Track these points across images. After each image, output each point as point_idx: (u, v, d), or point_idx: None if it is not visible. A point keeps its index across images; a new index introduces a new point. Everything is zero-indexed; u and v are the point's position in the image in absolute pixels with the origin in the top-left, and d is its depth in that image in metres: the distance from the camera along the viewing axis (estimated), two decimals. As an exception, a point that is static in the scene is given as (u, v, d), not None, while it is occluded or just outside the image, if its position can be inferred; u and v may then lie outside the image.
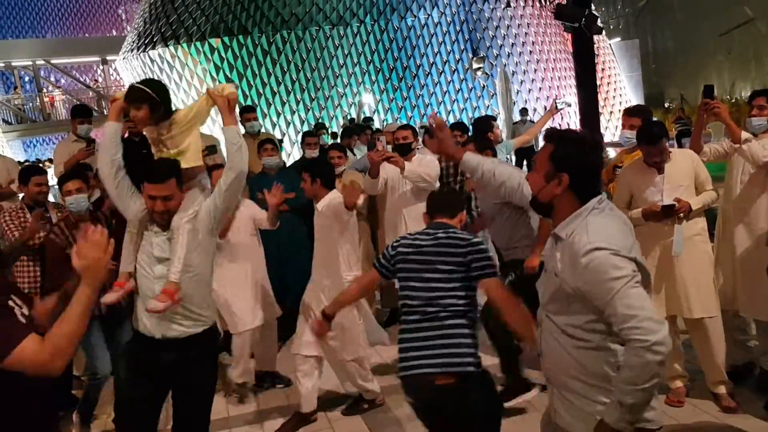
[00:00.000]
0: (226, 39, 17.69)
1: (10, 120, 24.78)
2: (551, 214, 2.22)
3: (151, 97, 2.94)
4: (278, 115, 18.03)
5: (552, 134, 2.26)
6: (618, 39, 23.59)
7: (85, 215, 4.19)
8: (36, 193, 4.73)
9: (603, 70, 19.70)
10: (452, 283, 2.74)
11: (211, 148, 5.82)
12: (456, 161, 2.45)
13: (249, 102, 17.16)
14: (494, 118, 5.61)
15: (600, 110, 10.36)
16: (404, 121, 16.10)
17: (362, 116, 15.90)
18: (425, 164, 4.98)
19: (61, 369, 2.01)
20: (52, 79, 31.12)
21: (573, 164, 2.13)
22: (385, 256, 2.96)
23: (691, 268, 3.85)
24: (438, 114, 18.08)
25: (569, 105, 6.53)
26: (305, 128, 17.49)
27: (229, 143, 2.98)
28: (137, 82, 3.05)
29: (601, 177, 2.22)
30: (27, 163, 14.27)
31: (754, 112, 4.11)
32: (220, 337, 3.78)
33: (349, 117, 16.65)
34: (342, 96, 18.01)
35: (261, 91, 17.91)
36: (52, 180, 9.12)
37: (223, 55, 17.81)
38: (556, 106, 5.73)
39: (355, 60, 17.89)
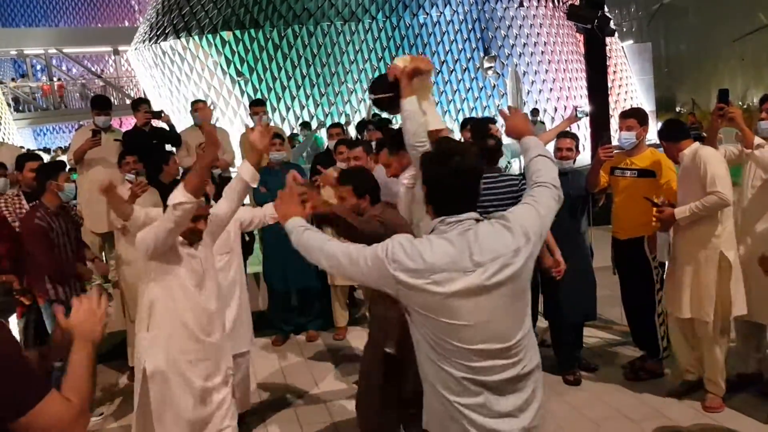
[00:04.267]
0: (237, 32, 17.70)
1: (21, 107, 24.88)
2: None
3: None
4: (287, 109, 18.04)
5: (437, 141, 2.25)
6: (631, 42, 23.48)
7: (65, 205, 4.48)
8: (31, 179, 4.75)
9: (615, 72, 19.61)
10: None
11: None
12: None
13: (258, 96, 17.18)
14: (493, 121, 5.51)
15: (611, 113, 10.30)
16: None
17: (372, 113, 15.87)
18: None
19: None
20: (64, 68, 31.23)
21: (429, 178, 2.11)
22: None
23: (686, 271, 4.00)
24: (448, 112, 18.06)
25: (587, 115, 6.46)
26: (314, 123, 17.49)
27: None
28: None
29: (464, 197, 2.08)
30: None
31: (763, 116, 4.18)
32: None
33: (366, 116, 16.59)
34: (352, 92, 17.99)
35: (271, 85, 17.93)
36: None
37: (234, 48, 17.82)
38: (576, 116, 5.68)
39: (366, 56, 17.87)
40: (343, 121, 14.17)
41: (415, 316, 2.06)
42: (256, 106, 7.06)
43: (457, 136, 8.66)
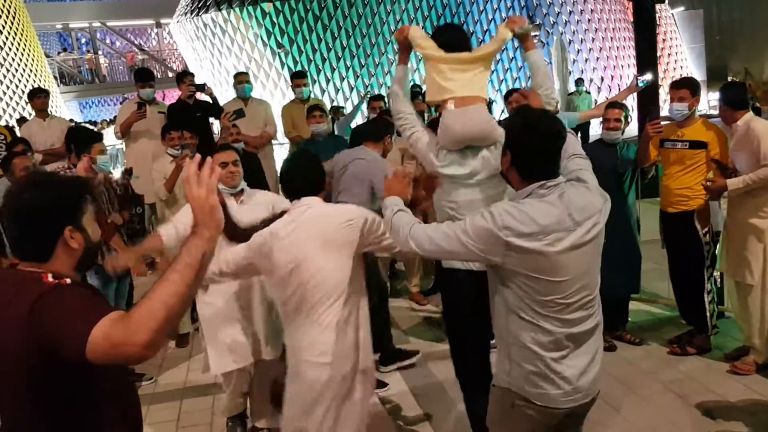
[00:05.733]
0: (277, 3, 17.66)
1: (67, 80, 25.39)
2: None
3: None
4: (327, 81, 18.01)
5: (516, 109, 2.41)
6: (681, 9, 22.67)
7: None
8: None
9: (664, 41, 19.03)
10: None
11: (239, 112, 5.88)
12: None
13: (299, 68, 17.17)
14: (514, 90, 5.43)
15: (659, 83, 10.01)
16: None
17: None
18: None
19: (144, 349, 1.48)
20: (108, 41, 31.69)
21: (514, 144, 2.23)
22: None
23: (736, 237, 4.13)
24: (490, 82, 17.78)
25: (648, 84, 6.20)
26: (354, 95, 17.44)
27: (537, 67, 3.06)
28: None
29: (552, 161, 2.19)
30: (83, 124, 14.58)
31: None
32: None
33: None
34: (392, 63, 17.84)
35: (311, 57, 17.89)
36: (110, 139, 9.29)
37: (274, 19, 17.81)
38: (637, 84, 5.53)
39: (407, 27, 17.67)
40: (384, 92, 14.10)
41: (517, 280, 2.16)
42: (298, 78, 7.06)
43: (500, 106, 8.53)
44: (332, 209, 2.76)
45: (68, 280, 1.68)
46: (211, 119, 6.83)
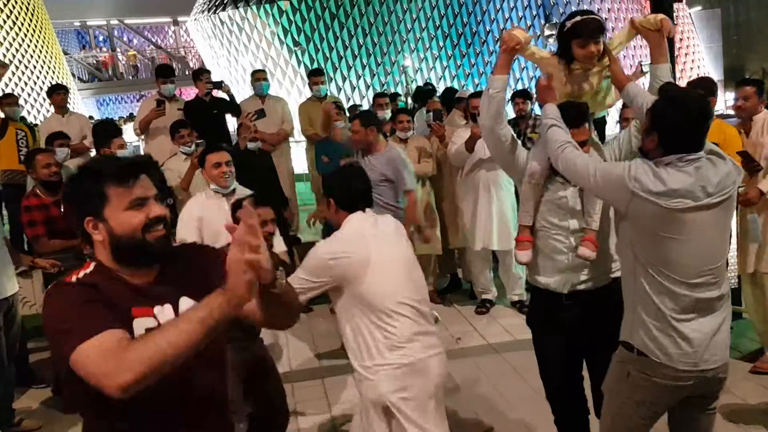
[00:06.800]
0: (294, 1, 17.70)
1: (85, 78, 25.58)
2: None
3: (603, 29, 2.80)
4: (344, 79, 18.03)
5: (662, 89, 2.45)
6: (699, 8, 22.47)
7: None
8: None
9: (681, 40, 18.86)
10: None
11: (260, 112, 5.92)
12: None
13: (315, 66, 17.21)
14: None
15: (676, 82, 9.94)
16: (471, 89, 15.83)
17: (410, 81, 15.79)
18: None
19: (120, 391, 1.36)
20: (126, 39, 31.91)
21: (660, 124, 2.27)
22: None
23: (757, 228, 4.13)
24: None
25: None
26: (370, 93, 17.45)
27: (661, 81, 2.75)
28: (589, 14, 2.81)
29: (697, 139, 2.27)
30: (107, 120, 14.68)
31: None
32: None
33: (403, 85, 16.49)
34: (413, 62, 17.84)
35: (328, 55, 17.92)
36: (129, 136, 9.39)
37: (291, 18, 17.85)
38: (642, 70, 5.52)
39: (423, 25, 17.65)
40: (401, 90, 14.12)
41: (642, 237, 2.31)
42: (315, 76, 7.09)
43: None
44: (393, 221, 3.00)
45: (74, 278, 1.62)
46: (227, 116, 6.87)
